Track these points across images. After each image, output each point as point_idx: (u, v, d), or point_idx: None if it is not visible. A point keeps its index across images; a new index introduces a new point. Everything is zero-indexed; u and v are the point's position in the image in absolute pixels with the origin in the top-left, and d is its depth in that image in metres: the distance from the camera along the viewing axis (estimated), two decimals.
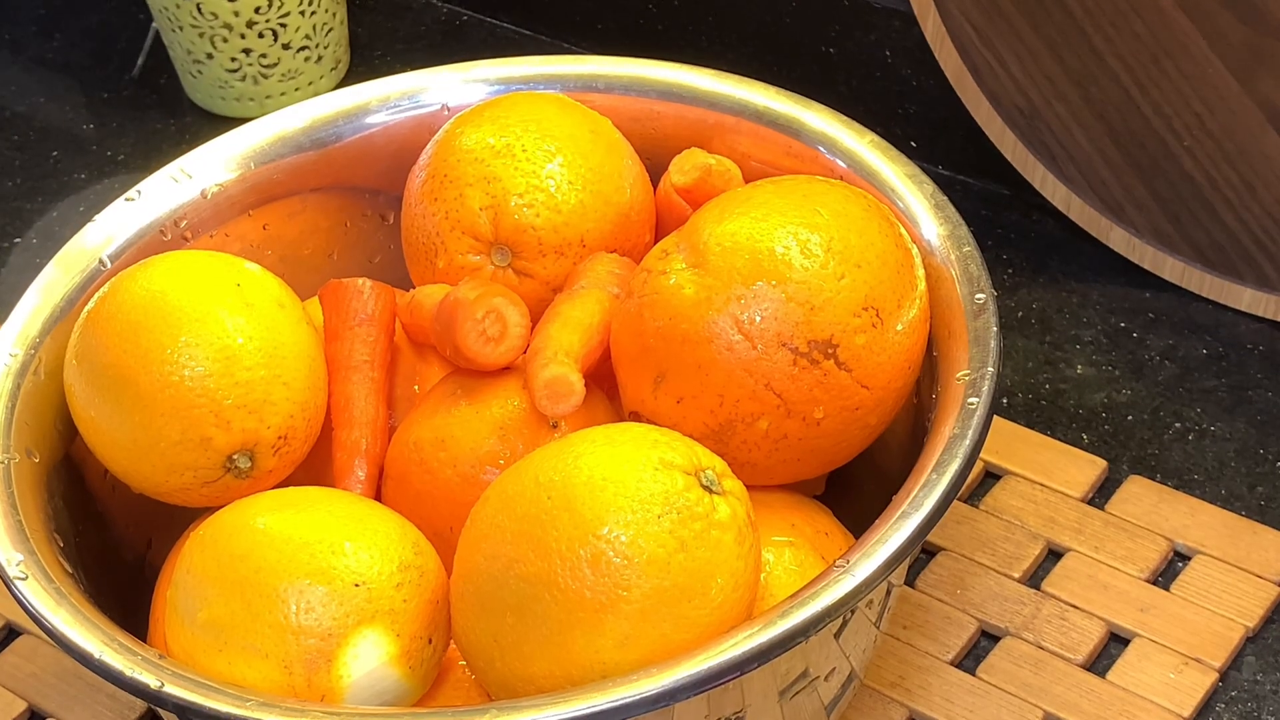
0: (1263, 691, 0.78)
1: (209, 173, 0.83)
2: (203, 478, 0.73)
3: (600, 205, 0.78)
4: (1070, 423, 0.89)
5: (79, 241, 0.81)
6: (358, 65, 1.15)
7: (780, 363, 0.70)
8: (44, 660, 0.84)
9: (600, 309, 0.75)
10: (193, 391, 0.72)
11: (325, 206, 0.86)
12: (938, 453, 0.68)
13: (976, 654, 0.81)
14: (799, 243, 0.71)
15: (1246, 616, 0.80)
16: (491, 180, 0.78)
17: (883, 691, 0.79)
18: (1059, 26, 0.91)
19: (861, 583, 0.64)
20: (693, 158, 0.80)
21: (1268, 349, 0.92)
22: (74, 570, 0.72)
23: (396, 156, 0.85)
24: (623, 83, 0.85)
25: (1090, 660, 0.80)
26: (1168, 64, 0.89)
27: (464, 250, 0.78)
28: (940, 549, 0.84)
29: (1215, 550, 0.83)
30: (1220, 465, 0.87)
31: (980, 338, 0.72)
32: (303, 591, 0.66)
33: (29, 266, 0.98)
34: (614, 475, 0.65)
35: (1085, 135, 0.93)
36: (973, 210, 0.86)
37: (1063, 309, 0.95)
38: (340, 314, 0.78)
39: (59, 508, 0.75)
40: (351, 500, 0.71)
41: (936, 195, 0.78)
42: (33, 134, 1.15)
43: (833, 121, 0.81)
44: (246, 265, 0.77)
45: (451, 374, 0.77)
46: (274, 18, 1.08)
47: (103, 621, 0.68)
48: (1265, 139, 0.89)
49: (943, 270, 0.75)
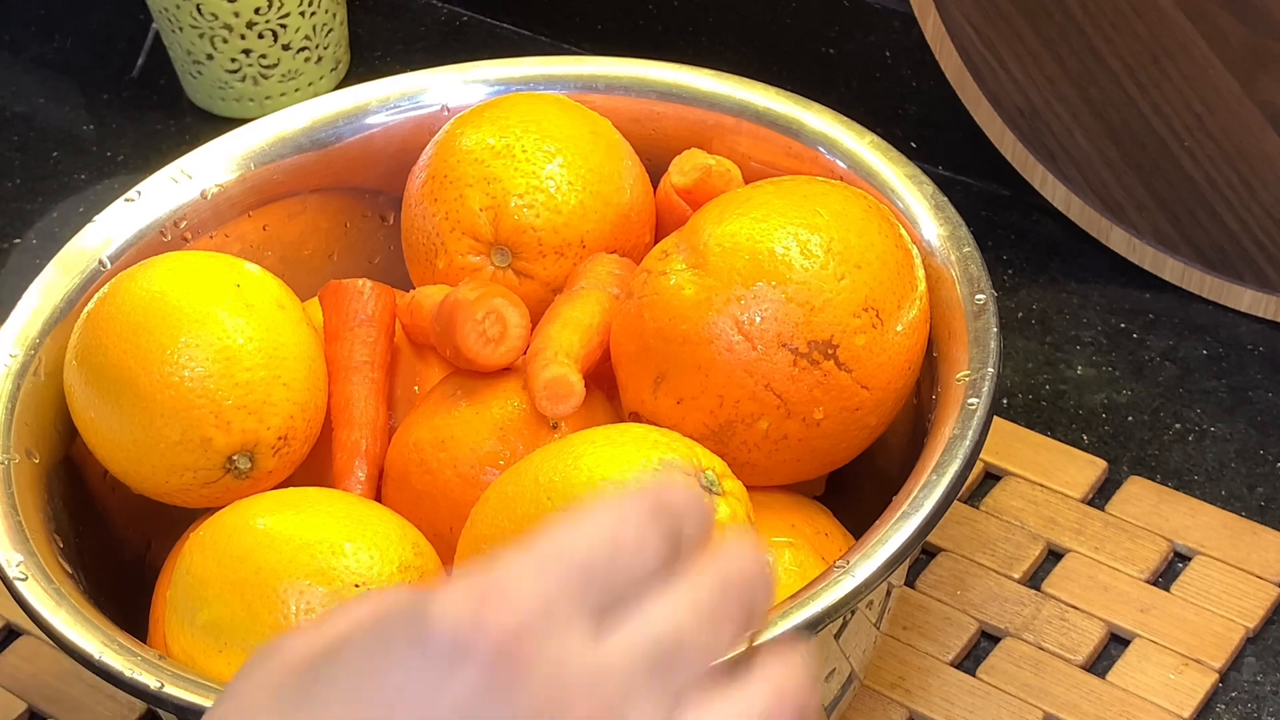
0: (1263, 692, 0.78)
1: (209, 173, 0.83)
2: (202, 478, 0.73)
3: (600, 206, 0.78)
4: (1070, 423, 0.89)
5: (79, 242, 0.81)
6: (358, 66, 1.15)
7: (780, 363, 0.70)
8: (44, 661, 0.84)
9: (600, 310, 0.75)
10: (193, 392, 0.72)
11: (325, 207, 0.86)
12: (937, 453, 0.68)
13: (976, 655, 0.81)
14: (799, 243, 0.71)
15: (1247, 617, 0.80)
16: (491, 181, 0.78)
17: (883, 692, 0.79)
18: (1059, 27, 0.91)
19: (861, 583, 0.64)
20: (693, 158, 0.80)
21: (1268, 350, 0.92)
22: (74, 571, 0.72)
23: (396, 157, 0.85)
24: (623, 83, 0.85)
25: (1090, 661, 0.80)
26: (1168, 64, 0.89)
27: (464, 251, 0.78)
28: (940, 550, 0.84)
29: (1215, 551, 0.83)
30: (1220, 466, 0.87)
31: (980, 338, 0.72)
32: (303, 592, 0.66)
33: (29, 267, 0.97)
34: (614, 476, 0.65)
35: (1085, 135, 0.93)
36: (973, 211, 0.86)
37: (1063, 309, 0.95)
38: (340, 315, 0.78)
39: (59, 508, 0.75)
40: (351, 501, 0.71)
41: (936, 196, 0.78)
42: (33, 134, 1.14)
43: (832, 122, 0.81)
44: (246, 266, 0.77)
45: (451, 375, 0.77)
46: (274, 18, 1.08)
47: (102, 622, 0.68)
48: (1265, 139, 0.88)
49: (943, 271, 0.75)
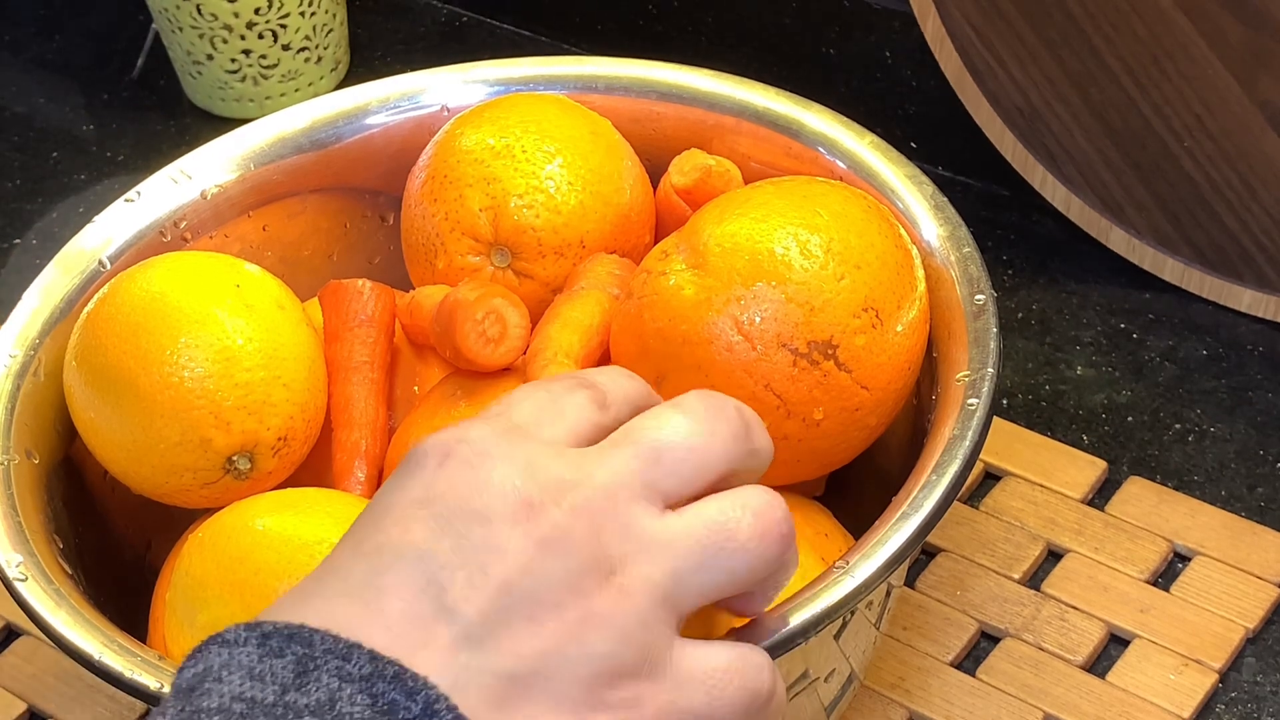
0: (1263, 693, 0.78)
1: (209, 174, 0.83)
2: (202, 479, 0.73)
3: (600, 206, 0.78)
4: (1070, 424, 0.89)
5: (78, 242, 0.81)
6: (358, 66, 1.15)
7: (780, 364, 0.70)
8: (44, 661, 0.84)
9: (600, 310, 0.75)
10: (192, 393, 0.72)
11: (325, 208, 0.86)
12: (937, 454, 0.68)
13: (976, 655, 0.81)
14: (799, 244, 0.71)
15: (1246, 617, 0.80)
16: (491, 181, 0.78)
17: (882, 693, 0.79)
18: (1059, 27, 0.91)
19: (861, 584, 0.64)
20: (693, 159, 0.80)
21: (1268, 350, 0.92)
22: (74, 571, 0.72)
23: (396, 157, 0.85)
24: (623, 84, 0.85)
25: (1090, 661, 0.80)
26: (1168, 64, 0.89)
27: (464, 251, 0.78)
28: (940, 550, 0.84)
29: (1215, 551, 0.83)
30: (1220, 466, 0.87)
31: (980, 339, 0.72)
32: None
33: (29, 267, 0.98)
34: None
35: (1085, 136, 0.93)
36: (973, 211, 0.86)
37: (1063, 310, 0.95)
38: (340, 315, 0.78)
39: (59, 509, 0.75)
40: (351, 501, 0.71)
41: (936, 196, 0.78)
42: (33, 135, 1.15)
43: (833, 122, 0.81)
44: (246, 266, 0.77)
45: (451, 375, 0.77)
46: (274, 19, 1.08)
47: (102, 623, 0.68)
48: (1265, 139, 0.88)
49: (943, 271, 0.75)
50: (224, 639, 0.51)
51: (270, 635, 0.50)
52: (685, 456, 0.55)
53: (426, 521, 0.52)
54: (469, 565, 0.51)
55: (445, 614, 0.51)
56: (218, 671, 0.50)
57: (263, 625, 0.51)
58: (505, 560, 0.51)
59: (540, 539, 0.52)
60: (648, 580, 0.53)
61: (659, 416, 0.56)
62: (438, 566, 0.51)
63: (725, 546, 0.54)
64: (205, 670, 0.50)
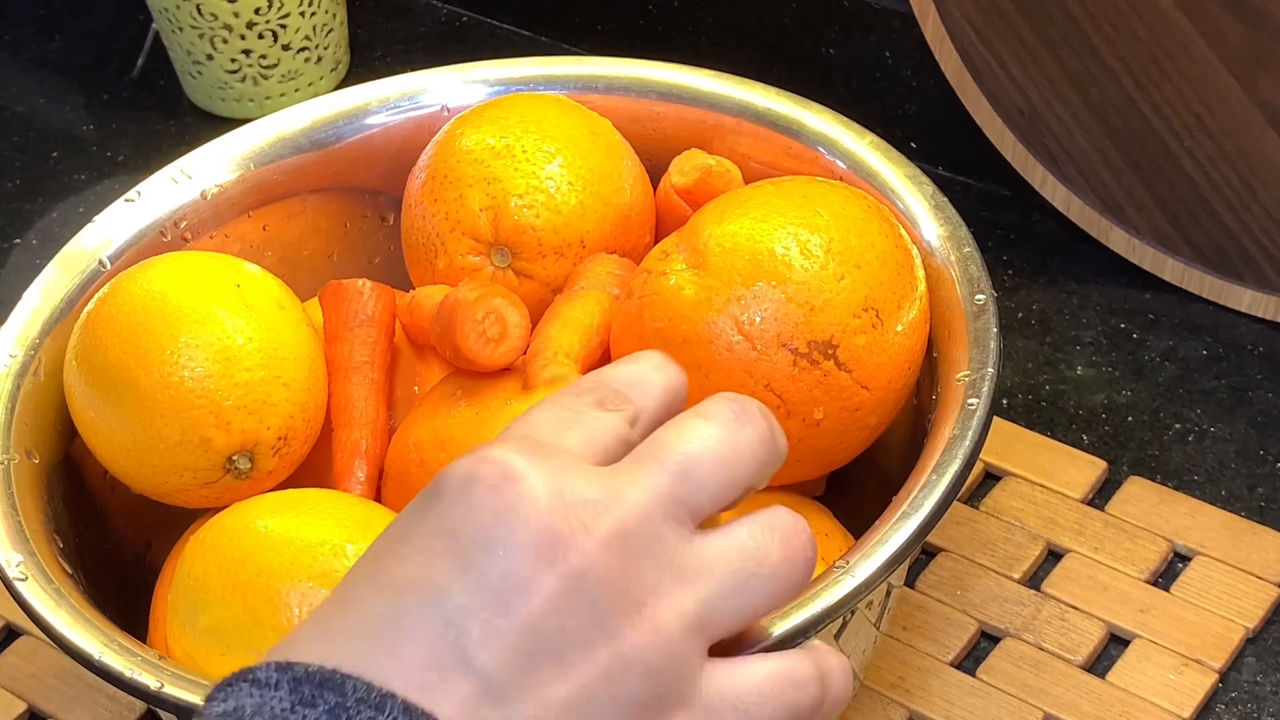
0: (1263, 693, 0.78)
1: (209, 174, 0.83)
2: (202, 479, 0.73)
3: (600, 206, 0.78)
4: (1070, 424, 0.89)
5: (78, 242, 0.81)
6: (358, 66, 1.15)
7: (780, 363, 0.70)
8: (44, 661, 0.84)
9: (600, 310, 0.75)
10: (192, 392, 0.72)
11: (325, 208, 0.86)
12: (937, 454, 0.68)
13: (976, 655, 0.81)
14: (799, 244, 0.71)
15: (1246, 617, 0.80)
16: (491, 181, 0.78)
17: (882, 692, 0.79)
18: (1059, 27, 0.91)
19: (861, 584, 0.64)
20: (693, 159, 0.80)
21: (1268, 350, 0.92)
22: (74, 571, 0.72)
23: (396, 157, 0.85)
24: (623, 84, 0.85)
25: (1090, 661, 0.80)
26: (1168, 64, 0.89)
27: (464, 251, 0.78)
28: (940, 550, 0.84)
29: (1215, 551, 0.83)
30: (1220, 466, 0.87)
31: (980, 339, 0.72)
32: (305, 594, 0.66)
33: (29, 267, 0.98)
34: None
35: (1085, 136, 0.93)
36: (973, 211, 0.86)
37: (1063, 310, 0.95)
38: (340, 315, 0.78)
39: (59, 508, 0.75)
40: (352, 502, 0.71)
41: (936, 196, 0.78)
42: (33, 134, 1.15)
43: (833, 122, 0.81)
44: (246, 266, 0.77)
45: (451, 375, 0.77)
46: (274, 19, 1.08)
47: (102, 622, 0.68)
48: (1265, 139, 0.88)
49: (943, 271, 0.75)
50: (256, 678, 0.49)
51: (302, 681, 0.48)
52: (714, 471, 0.53)
53: (445, 556, 0.50)
54: (490, 605, 0.49)
55: (465, 664, 0.49)
56: (250, 717, 0.48)
57: (294, 668, 0.49)
58: (529, 600, 0.49)
59: (567, 574, 0.50)
60: (680, 612, 0.51)
61: (687, 427, 0.54)
62: (455, 608, 0.49)
63: (756, 573, 0.53)
64: (236, 711, 0.48)
